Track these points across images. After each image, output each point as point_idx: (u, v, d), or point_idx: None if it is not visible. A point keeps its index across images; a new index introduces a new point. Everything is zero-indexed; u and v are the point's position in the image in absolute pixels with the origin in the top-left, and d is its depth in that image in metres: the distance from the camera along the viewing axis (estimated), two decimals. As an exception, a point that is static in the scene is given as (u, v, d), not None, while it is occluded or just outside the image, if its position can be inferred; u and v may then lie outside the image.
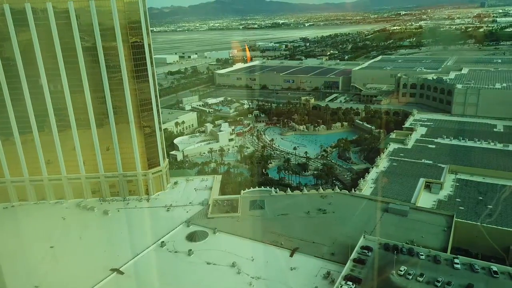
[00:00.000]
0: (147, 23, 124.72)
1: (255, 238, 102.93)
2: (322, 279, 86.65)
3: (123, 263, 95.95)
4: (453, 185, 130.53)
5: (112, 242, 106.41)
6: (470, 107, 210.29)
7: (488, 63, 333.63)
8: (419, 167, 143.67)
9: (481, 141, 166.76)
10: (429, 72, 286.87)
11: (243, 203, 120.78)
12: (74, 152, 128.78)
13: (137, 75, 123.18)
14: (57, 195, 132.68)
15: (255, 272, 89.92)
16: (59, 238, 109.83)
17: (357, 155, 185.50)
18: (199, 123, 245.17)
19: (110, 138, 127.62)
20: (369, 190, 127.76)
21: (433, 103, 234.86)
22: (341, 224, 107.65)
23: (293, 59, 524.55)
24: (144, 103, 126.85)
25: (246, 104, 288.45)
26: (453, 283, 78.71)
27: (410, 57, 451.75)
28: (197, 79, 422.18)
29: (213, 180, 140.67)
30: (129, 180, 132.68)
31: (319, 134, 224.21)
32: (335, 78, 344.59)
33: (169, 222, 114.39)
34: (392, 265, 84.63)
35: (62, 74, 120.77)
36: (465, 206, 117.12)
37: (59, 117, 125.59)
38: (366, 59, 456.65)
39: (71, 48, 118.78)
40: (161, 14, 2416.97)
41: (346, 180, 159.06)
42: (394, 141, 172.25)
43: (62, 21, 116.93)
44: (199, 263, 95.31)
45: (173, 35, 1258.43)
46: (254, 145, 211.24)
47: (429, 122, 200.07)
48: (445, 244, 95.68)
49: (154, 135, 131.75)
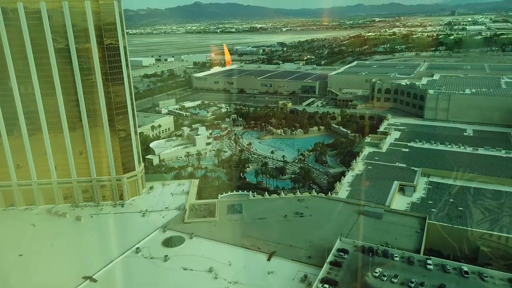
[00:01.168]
0: (123, 25, 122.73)
1: (233, 243, 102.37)
2: (299, 283, 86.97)
3: (96, 271, 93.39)
4: (426, 188, 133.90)
5: (84, 249, 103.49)
6: (441, 112, 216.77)
7: (458, 69, 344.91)
8: (393, 170, 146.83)
9: (452, 145, 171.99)
10: (402, 77, 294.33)
11: (220, 207, 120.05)
12: (45, 157, 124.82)
13: (112, 78, 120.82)
14: (27, 201, 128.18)
15: (232, 277, 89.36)
16: (29, 246, 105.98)
17: (334, 158, 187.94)
18: (175, 126, 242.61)
19: (83, 142, 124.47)
20: (345, 193, 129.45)
21: (406, 107, 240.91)
22: (318, 227, 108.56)
23: (271, 63, 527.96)
24: (119, 106, 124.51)
25: (223, 108, 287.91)
26: (426, 283, 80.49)
27: (384, 63, 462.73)
28: (174, 82, 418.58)
29: (190, 185, 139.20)
30: (103, 185, 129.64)
31: (296, 138, 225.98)
32: (312, 82, 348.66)
33: (144, 228, 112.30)
34: (367, 267, 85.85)
35: (33, 76, 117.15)
36: (437, 208, 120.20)
37: (29, 120, 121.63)
38: (342, 64, 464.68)
39: (43, 50, 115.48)
40: (137, 16, 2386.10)
41: (323, 183, 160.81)
42: (369, 145, 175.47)
43: (34, 21, 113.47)
44: (176, 268, 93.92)
45: (149, 37, 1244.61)
46: (231, 149, 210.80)
47: (403, 127, 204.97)
48: (418, 246, 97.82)
49: (129, 139, 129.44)
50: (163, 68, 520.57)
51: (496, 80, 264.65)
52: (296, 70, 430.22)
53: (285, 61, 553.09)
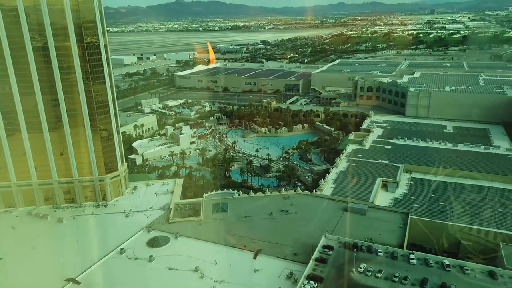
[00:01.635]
0: (103, 22, 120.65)
1: (218, 242, 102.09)
2: (285, 280, 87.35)
3: (80, 273, 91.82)
4: (408, 184, 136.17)
5: (67, 251, 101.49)
6: (422, 109, 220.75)
7: (438, 67, 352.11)
8: (376, 167, 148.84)
9: (432, 141, 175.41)
10: (384, 75, 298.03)
11: (205, 206, 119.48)
12: (24, 157, 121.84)
13: (92, 77, 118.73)
14: (6, 203, 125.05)
15: (218, 276, 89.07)
16: (9, 249, 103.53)
17: (318, 156, 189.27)
18: (159, 126, 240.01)
19: (64, 142, 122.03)
20: (329, 190, 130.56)
21: (388, 105, 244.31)
22: (303, 224, 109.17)
23: (254, 62, 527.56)
24: (101, 106, 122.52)
25: (207, 107, 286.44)
26: (409, 277, 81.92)
27: (366, 61, 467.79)
28: (156, 81, 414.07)
29: (175, 184, 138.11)
30: (85, 185, 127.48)
31: (281, 136, 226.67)
32: (296, 81, 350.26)
33: (128, 228, 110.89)
34: (352, 262, 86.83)
35: (10, 75, 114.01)
36: (419, 203, 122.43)
37: (7, 120, 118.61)
38: (325, 63, 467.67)
39: (21, 48, 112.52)
40: (117, 14, 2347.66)
41: (308, 181, 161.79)
42: (352, 142, 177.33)
43: (11, 19, 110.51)
44: (161, 269, 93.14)
45: (130, 35, 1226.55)
46: (216, 148, 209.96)
47: (385, 124, 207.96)
48: (402, 241, 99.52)
49: (111, 138, 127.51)
50: (145, 66, 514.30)
51: (475, 77, 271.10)
52: (279, 68, 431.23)
53: (269, 59, 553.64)
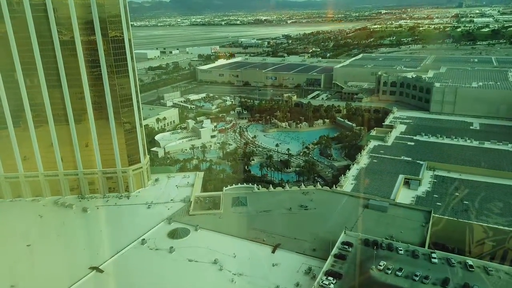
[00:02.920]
0: (127, 17, 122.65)
1: (237, 235, 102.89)
2: (303, 275, 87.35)
3: (103, 261, 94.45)
4: (431, 182, 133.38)
5: (91, 240, 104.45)
6: (447, 105, 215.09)
7: (465, 62, 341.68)
8: (399, 163, 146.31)
9: (458, 139, 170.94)
10: (408, 70, 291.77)
11: (225, 200, 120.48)
12: (51, 148, 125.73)
13: (117, 70, 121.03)
14: (34, 192, 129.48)
15: (237, 269, 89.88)
16: (36, 237, 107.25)
17: (338, 152, 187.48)
18: (180, 119, 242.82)
19: (89, 134, 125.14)
20: (350, 187, 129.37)
21: (412, 101, 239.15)
22: (322, 220, 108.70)
23: (276, 56, 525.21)
24: (124, 99, 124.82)
25: (228, 101, 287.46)
26: (431, 277, 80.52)
27: (390, 55, 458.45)
28: (178, 75, 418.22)
29: (195, 177, 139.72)
30: (108, 177, 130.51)
31: (301, 131, 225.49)
32: (317, 75, 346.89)
33: (150, 219, 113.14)
34: (372, 260, 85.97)
35: (38, 68, 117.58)
36: (442, 202, 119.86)
37: (35, 112, 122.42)
38: (348, 57, 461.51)
39: (49, 42, 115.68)
40: (141, 9, 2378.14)
41: (328, 176, 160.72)
42: (374, 138, 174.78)
43: (39, 14, 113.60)
44: (181, 260, 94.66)
45: (154, 30, 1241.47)
46: (236, 142, 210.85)
47: (409, 120, 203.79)
48: (423, 239, 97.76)
49: (134, 131, 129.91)
50: (168, 60, 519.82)
51: (504, 73, 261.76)
52: (301, 63, 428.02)
53: (290, 53, 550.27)
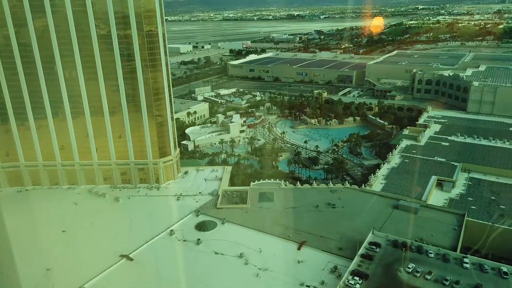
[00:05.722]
0: (162, 12, 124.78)
1: (263, 230, 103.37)
2: (329, 273, 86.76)
3: (133, 250, 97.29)
4: (466, 184, 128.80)
5: (122, 229, 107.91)
6: (486, 105, 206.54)
7: (506, 60, 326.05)
8: (432, 164, 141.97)
9: (496, 140, 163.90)
10: (445, 68, 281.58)
11: (252, 195, 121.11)
12: (87, 139, 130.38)
13: (150, 64, 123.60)
14: (69, 181, 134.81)
15: (262, 264, 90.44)
16: (71, 223, 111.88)
17: (369, 150, 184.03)
18: (210, 113, 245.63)
19: (122, 126, 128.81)
20: (379, 186, 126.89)
21: (448, 100, 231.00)
22: (350, 219, 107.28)
23: (307, 52, 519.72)
24: (157, 92, 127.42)
25: (258, 96, 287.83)
26: (462, 282, 78.03)
27: (426, 52, 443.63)
28: (210, 69, 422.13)
29: (223, 171, 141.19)
30: (140, 168, 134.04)
31: (331, 128, 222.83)
32: (349, 72, 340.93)
33: (178, 211, 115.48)
34: (400, 262, 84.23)
35: (77, 61, 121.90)
36: (477, 205, 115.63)
37: (73, 103, 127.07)
38: (381, 54, 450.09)
39: (87, 36, 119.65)
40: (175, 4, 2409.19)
41: (357, 175, 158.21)
42: (406, 137, 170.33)
43: (78, 8, 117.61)
44: (207, 252, 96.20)
45: (187, 24, 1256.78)
46: (265, 137, 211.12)
47: (443, 119, 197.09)
48: (455, 243, 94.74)
49: (166, 124, 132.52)
50: (200, 55, 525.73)
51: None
52: (332, 59, 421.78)
53: (322, 49, 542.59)
